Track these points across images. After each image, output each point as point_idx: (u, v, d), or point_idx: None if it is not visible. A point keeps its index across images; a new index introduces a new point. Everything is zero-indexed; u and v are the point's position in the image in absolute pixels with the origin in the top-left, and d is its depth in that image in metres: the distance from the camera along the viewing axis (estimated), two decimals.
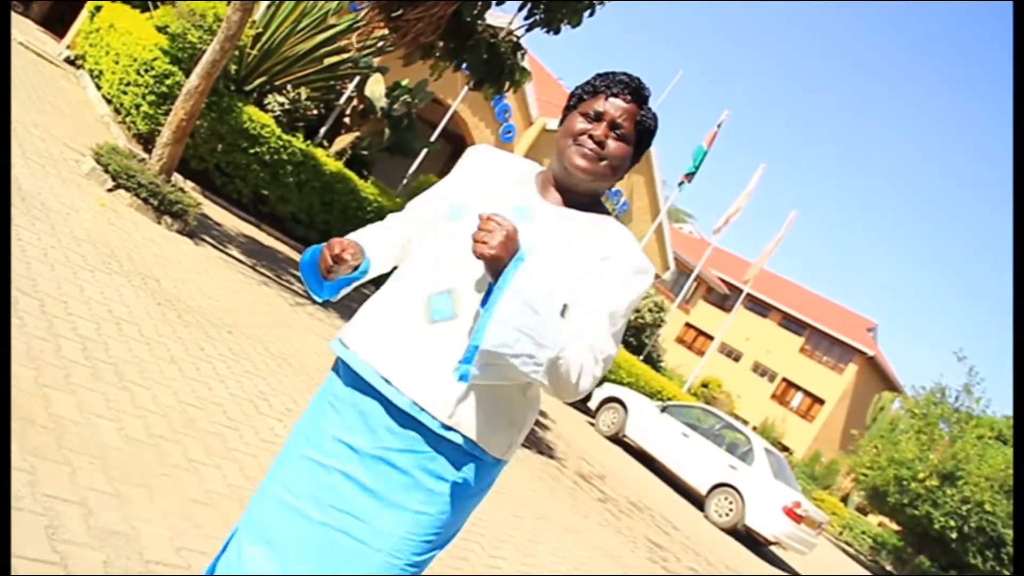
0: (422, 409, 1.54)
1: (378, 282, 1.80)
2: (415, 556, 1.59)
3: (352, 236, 1.78)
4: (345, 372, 1.66)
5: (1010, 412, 31.07)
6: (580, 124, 1.68)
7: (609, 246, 1.63)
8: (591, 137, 1.66)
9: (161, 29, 9.11)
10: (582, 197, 1.71)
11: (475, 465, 1.61)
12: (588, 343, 1.54)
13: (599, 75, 1.71)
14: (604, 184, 1.71)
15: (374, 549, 1.56)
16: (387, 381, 1.56)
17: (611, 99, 1.67)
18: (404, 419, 1.57)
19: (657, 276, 23.36)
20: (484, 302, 1.51)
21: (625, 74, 1.69)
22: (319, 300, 1.80)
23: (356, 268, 1.69)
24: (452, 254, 1.60)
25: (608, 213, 1.75)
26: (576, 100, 1.72)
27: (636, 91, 1.68)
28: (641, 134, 1.71)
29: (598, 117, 1.67)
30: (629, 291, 1.61)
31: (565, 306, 1.57)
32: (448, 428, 1.55)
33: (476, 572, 3.83)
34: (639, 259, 1.64)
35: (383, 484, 1.57)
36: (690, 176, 18.88)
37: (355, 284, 1.78)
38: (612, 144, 1.66)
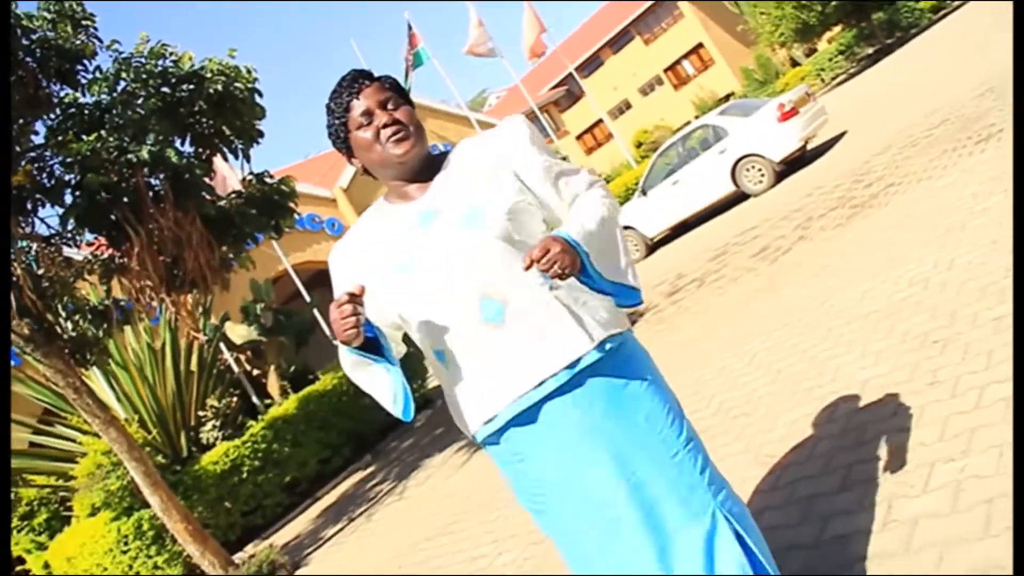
0: (580, 358, 1.68)
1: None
2: (681, 439, 1.75)
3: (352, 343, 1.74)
4: (505, 428, 1.75)
5: None
6: (366, 132, 1.75)
7: (493, 153, 1.78)
8: (383, 128, 1.74)
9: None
10: (425, 169, 1.81)
11: (626, 348, 1.78)
12: (584, 196, 1.78)
13: (334, 100, 1.78)
14: (424, 143, 1.81)
15: (664, 477, 1.70)
16: (539, 384, 1.67)
17: (360, 98, 1.75)
18: (566, 385, 1.69)
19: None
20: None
21: (344, 79, 1.78)
22: (407, 418, 1.82)
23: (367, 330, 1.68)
24: (445, 286, 1.69)
25: (444, 154, 1.86)
26: (343, 130, 1.78)
27: (366, 77, 1.78)
28: (401, 92, 1.81)
29: (368, 115, 1.74)
30: (536, 146, 1.79)
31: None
32: (599, 345, 1.70)
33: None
34: (506, 133, 1.80)
35: (606, 440, 1.69)
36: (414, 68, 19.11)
37: (401, 382, 1.78)
38: (399, 114, 1.76)
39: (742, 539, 1.72)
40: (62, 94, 6.87)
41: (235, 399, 10.94)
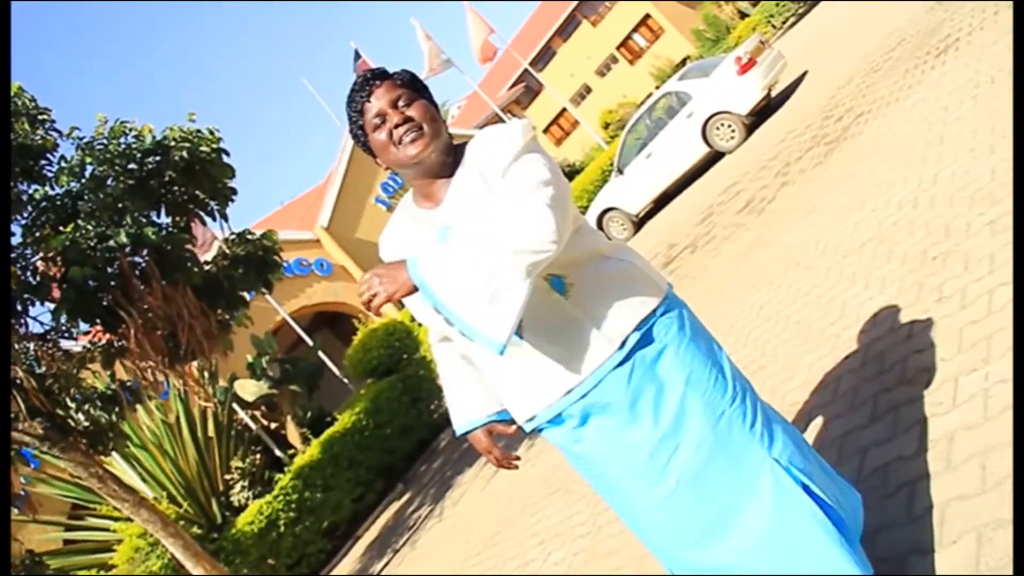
0: (603, 363, 1.67)
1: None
2: (726, 398, 1.74)
3: (458, 408, 1.98)
4: (551, 422, 1.78)
5: None
6: (380, 134, 1.72)
7: (490, 165, 1.67)
8: (395, 128, 1.70)
9: None
10: (447, 164, 1.74)
11: (660, 319, 1.75)
12: (512, 198, 1.55)
13: (349, 104, 1.75)
14: (445, 136, 1.75)
15: (715, 440, 1.69)
16: (568, 392, 1.69)
17: (372, 99, 1.71)
18: (604, 386, 1.68)
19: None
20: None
21: (357, 82, 1.74)
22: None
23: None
24: None
25: (461, 151, 1.77)
26: (362, 133, 1.75)
27: (377, 77, 1.73)
28: (416, 87, 1.76)
29: (381, 116, 1.71)
30: (516, 159, 1.63)
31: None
32: (622, 343, 1.69)
33: None
34: (500, 141, 1.67)
35: (652, 415, 1.70)
36: None
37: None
38: (411, 111, 1.71)
39: (807, 487, 1.70)
40: (31, 191, 6.86)
41: (258, 456, 10.93)
